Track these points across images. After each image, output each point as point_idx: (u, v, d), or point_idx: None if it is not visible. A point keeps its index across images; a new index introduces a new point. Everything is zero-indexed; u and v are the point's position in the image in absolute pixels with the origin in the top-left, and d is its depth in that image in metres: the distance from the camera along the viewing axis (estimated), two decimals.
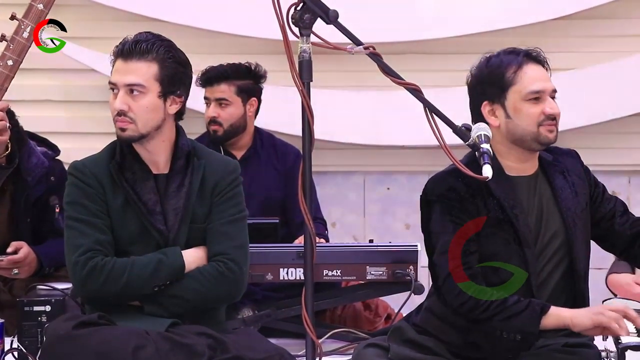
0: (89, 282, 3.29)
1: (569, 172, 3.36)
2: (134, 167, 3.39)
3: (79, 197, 3.37)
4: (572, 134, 5.42)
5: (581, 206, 3.33)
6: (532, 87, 3.28)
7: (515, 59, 3.31)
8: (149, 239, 3.37)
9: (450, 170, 3.30)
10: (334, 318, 4.59)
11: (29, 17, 3.55)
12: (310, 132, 2.82)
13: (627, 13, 5.46)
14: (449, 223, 3.24)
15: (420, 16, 5.42)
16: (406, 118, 4.85)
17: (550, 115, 3.28)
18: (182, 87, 3.40)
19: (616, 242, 3.41)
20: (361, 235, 5.62)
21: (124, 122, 3.33)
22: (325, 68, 5.09)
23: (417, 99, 2.93)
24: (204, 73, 4.87)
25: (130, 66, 3.34)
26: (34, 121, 4.71)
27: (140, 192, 3.36)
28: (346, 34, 2.86)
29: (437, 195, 3.28)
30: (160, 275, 3.30)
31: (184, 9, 5.47)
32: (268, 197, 4.86)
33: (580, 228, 3.30)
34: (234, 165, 3.50)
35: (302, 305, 2.81)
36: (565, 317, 3.14)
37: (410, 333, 3.32)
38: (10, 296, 4.21)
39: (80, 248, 3.31)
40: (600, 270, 4.40)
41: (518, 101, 3.28)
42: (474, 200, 3.24)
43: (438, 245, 3.24)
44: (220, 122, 4.84)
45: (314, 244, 2.81)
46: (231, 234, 3.39)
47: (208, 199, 3.42)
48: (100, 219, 3.35)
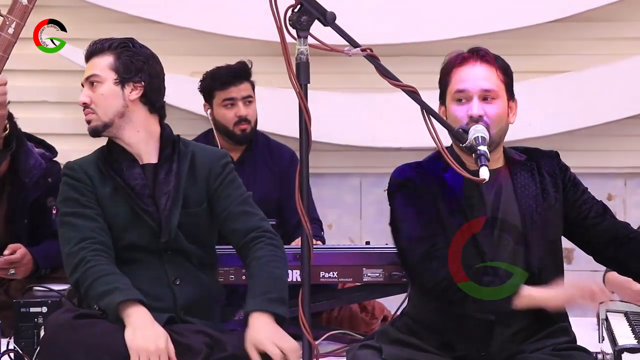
0: (73, 274, 3.35)
1: (540, 171, 3.34)
2: (120, 157, 3.48)
3: (68, 193, 3.46)
4: (568, 136, 5.43)
5: (547, 204, 3.29)
6: (458, 86, 3.26)
7: (457, 59, 3.29)
8: (141, 223, 3.42)
9: (411, 162, 3.37)
10: (331, 320, 4.59)
11: (13, 12, 3.54)
12: (307, 134, 2.81)
13: (624, 16, 5.47)
14: (409, 209, 3.27)
15: (418, 18, 5.43)
16: (403, 120, 4.87)
17: (474, 117, 3.21)
18: (142, 74, 3.48)
19: (589, 243, 3.37)
20: (357, 237, 5.63)
21: (88, 114, 3.51)
22: (322, 70, 5.10)
23: (414, 101, 2.93)
24: (220, 75, 4.87)
25: (91, 64, 3.51)
26: (31, 123, 4.70)
27: (128, 178, 3.45)
28: (343, 35, 2.86)
29: (396, 185, 3.33)
30: (99, 300, 3.29)
31: (181, 10, 5.48)
32: (264, 199, 4.84)
33: (539, 225, 3.26)
34: (223, 152, 3.64)
35: (299, 306, 2.80)
36: (540, 297, 3.15)
37: (395, 334, 3.34)
38: (6, 297, 4.21)
39: (72, 240, 3.39)
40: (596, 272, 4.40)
41: (449, 101, 3.28)
42: (429, 190, 3.26)
43: (404, 231, 3.26)
44: (250, 120, 4.89)
45: (312, 245, 2.81)
46: (250, 211, 3.51)
47: (203, 185, 3.49)
48: (90, 208, 3.43)
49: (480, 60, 3.28)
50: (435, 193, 3.26)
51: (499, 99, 3.27)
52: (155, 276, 3.41)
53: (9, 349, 3.73)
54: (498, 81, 3.28)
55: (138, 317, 3.23)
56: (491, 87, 3.26)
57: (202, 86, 4.96)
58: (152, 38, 5.28)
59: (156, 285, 3.40)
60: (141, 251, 3.43)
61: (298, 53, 2.82)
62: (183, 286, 3.43)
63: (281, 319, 3.28)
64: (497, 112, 3.25)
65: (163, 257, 3.44)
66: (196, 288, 3.46)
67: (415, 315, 3.35)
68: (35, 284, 4.04)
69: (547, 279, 3.25)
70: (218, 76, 4.88)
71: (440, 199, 3.25)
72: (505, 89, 3.30)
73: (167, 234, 3.42)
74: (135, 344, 3.17)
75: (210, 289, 3.52)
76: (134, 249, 3.43)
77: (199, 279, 3.48)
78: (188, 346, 3.22)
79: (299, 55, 2.81)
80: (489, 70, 3.27)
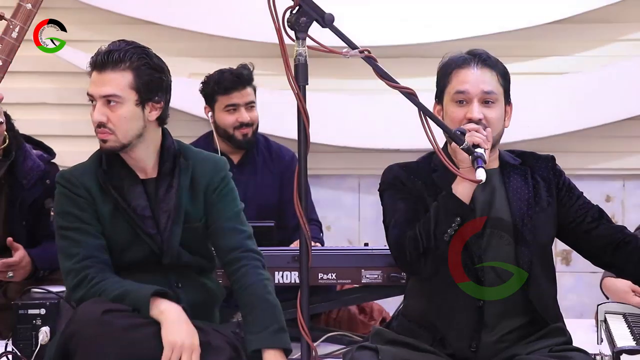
0: (77, 290, 3.31)
1: (534, 175, 3.36)
2: (121, 174, 3.39)
3: (69, 207, 3.38)
4: (567, 137, 5.43)
5: (539, 208, 3.31)
6: (458, 87, 3.27)
7: (457, 61, 3.31)
8: (141, 243, 3.38)
9: (400, 162, 3.39)
10: (329, 321, 4.59)
11: (17, 17, 3.54)
12: (305, 136, 2.82)
13: (622, 17, 5.47)
14: (398, 202, 3.30)
15: (416, 20, 5.43)
16: (401, 122, 4.86)
17: (473, 120, 3.22)
18: (160, 92, 3.38)
19: (586, 248, 3.39)
20: (356, 239, 5.63)
21: (104, 134, 3.34)
22: (321, 72, 5.11)
23: (412, 102, 2.93)
24: (223, 80, 4.85)
25: (105, 77, 3.32)
26: (29, 124, 4.70)
27: (129, 198, 3.37)
28: (342, 37, 2.86)
29: (385, 184, 3.37)
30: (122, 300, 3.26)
31: (180, 12, 5.47)
32: (264, 201, 4.86)
33: (529, 228, 3.28)
34: (222, 162, 3.52)
35: (297, 308, 2.81)
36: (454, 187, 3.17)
37: (389, 334, 3.35)
38: (4, 299, 4.20)
39: (75, 257, 3.33)
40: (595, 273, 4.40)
41: (448, 102, 3.29)
42: (415, 186, 3.30)
43: (394, 226, 3.28)
44: (251, 125, 4.87)
45: (310, 247, 2.81)
46: (238, 228, 3.44)
47: (201, 198, 3.44)
48: (92, 225, 3.36)
49: (482, 64, 3.30)
50: (422, 192, 3.29)
51: (498, 102, 3.29)
52: (157, 281, 3.37)
53: (7, 350, 3.73)
54: (498, 85, 3.30)
55: (172, 311, 3.22)
56: (492, 91, 3.27)
57: (204, 90, 4.94)
58: (151, 40, 5.28)
59: None
60: (142, 264, 3.41)
61: (296, 54, 2.82)
62: (185, 289, 3.42)
63: (288, 352, 3.31)
64: (496, 116, 3.27)
65: (164, 266, 3.42)
66: (198, 291, 3.46)
67: (409, 313, 3.37)
68: (33, 285, 4.03)
69: (536, 282, 3.27)
70: (221, 81, 4.85)
71: (428, 198, 3.27)
72: (504, 94, 3.32)
73: (169, 255, 3.39)
74: (172, 337, 3.16)
75: (211, 291, 3.52)
76: (134, 263, 3.40)
77: (200, 282, 3.49)
78: (212, 345, 3.24)
79: (297, 56, 2.82)
80: (490, 74, 3.29)
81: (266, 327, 3.29)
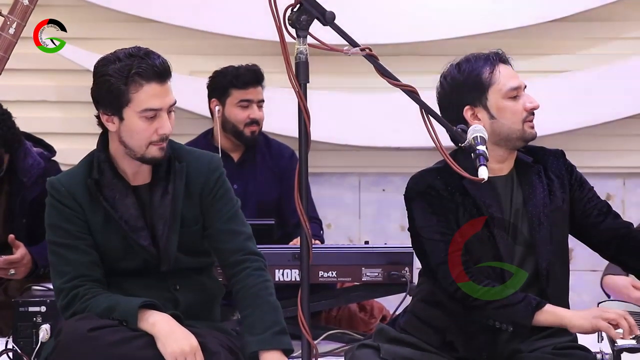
0: (67, 309, 3.27)
1: (546, 171, 3.38)
2: (113, 182, 3.32)
3: (58, 220, 3.32)
4: (567, 136, 5.43)
5: (554, 205, 3.33)
6: (510, 84, 3.33)
7: (488, 61, 3.35)
8: (135, 253, 3.33)
9: (430, 168, 3.37)
10: (330, 319, 4.59)
11: (14, 13, 3.53)
12: (306, 134, 2.81)
13: (623, 15, 5.47)
14: (431, 216, 3.28)
15: (417, 18, 5.43)
16: (402, 120, 4.86)
17: (532, 110, 3.33)
18: None
19: (592, 241, 3.42)
20: (356, 237, 5.63)
21: (164, 145, 3.28)
22: (322, 70, 5.10)
23: (413, 100, 2.93)
24: (241, 74, 4.83)
25: (167, 87, 3.26)
26: (30, 122, 4.70)
27: (121, 210, 3.30)
28: (343, 35, 2.86)
29: (417, 192, 3.32)
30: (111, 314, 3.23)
31: (180, 10, 5.47)
32: (264, 199, 4.86)
33: (546, 227, 3.30)
34: (216, 162, 3.43)
35: (298, 306, 2.80)
36: (564, 316, 3.16)
37: (393, 332, 3.35)
38: (5, 297, 4.20)
39: (66, 276, 3.28)
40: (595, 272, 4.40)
41: (499, 100, 3.32)
42: (452, 198, 3.28)
43: (426, 234, 3.28)
44: (259, 123, 4.86)
45: (311, 245, 2.81)
46: (236, 230, 3.38)
47: (197, 200, 3.37)
48: (82, 239, 3.30)
49: (505, 61, 3.38)
50: (457, 202, 3.28)
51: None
52: (154, 284, 3.34)
53: (7, 348, 3.73)
54: None
55: (162, 322, 3.18)
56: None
57: (216, 83, 4.88)
58: (150, 37, 5.32)
59: (156, 293, 3.32)
60: (138, 270, 3.36)
61: (297, 53, 2.81)
62: (183, 291, 3.38)
63: (289, 352, 3.29)
64: None
65: (162, 271, 3.37)
66: (197, 291, 3.41)
67: (421, 312, 3.36)
68: (33, 283, 4.04)
69: (555, 280, 3.29)
70: (239, 75, 4.82)
71: (462, 207, 3.28)
72: None
73: (166, 263, 3.34)
74: (171, 348, 3.14)
75: (210, 289, 3.48)
76: (129, 270, 3.35)
77: (199, 282, 3.44)
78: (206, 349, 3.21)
79: (298, 54, 2.81)
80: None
81: (267, 328, 3.27)
